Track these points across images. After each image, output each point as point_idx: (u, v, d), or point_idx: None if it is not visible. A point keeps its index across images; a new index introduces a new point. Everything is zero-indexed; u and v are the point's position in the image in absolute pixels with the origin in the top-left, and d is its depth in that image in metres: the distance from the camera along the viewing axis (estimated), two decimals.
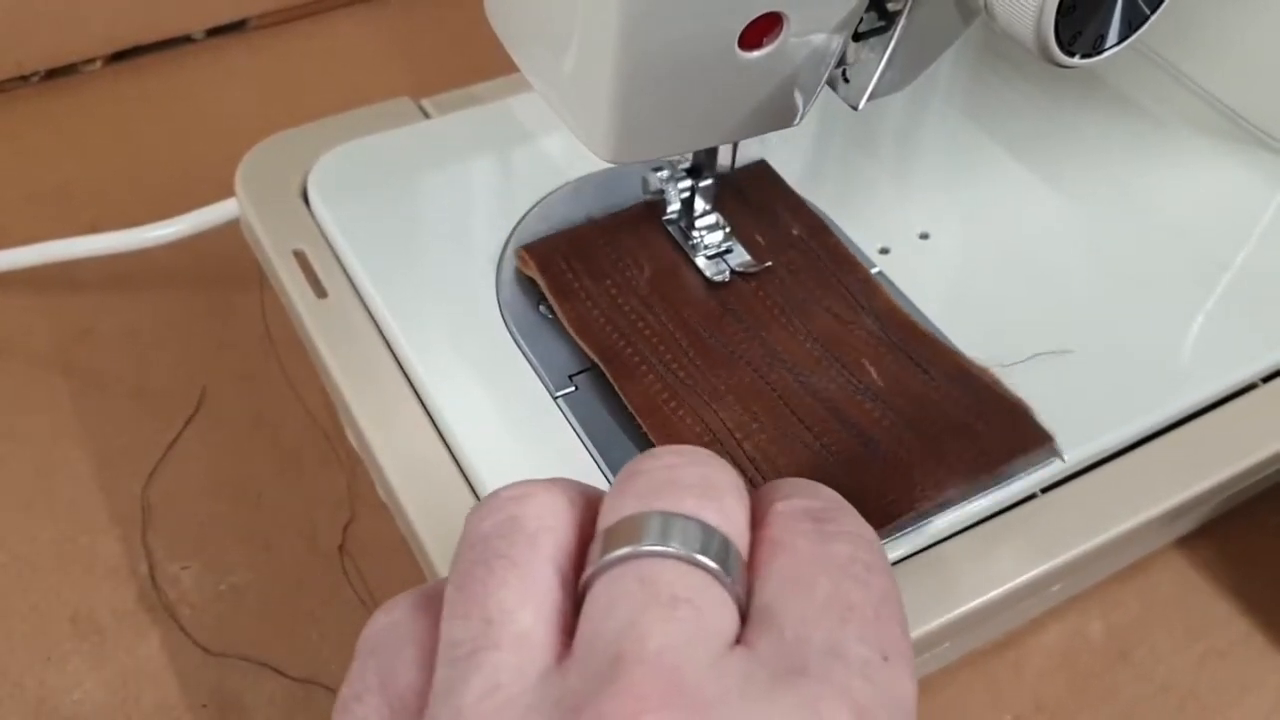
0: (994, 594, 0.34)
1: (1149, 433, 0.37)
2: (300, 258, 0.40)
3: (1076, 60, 0.31)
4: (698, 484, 0.22)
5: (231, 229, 0.44)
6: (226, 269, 0.47)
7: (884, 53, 0.33)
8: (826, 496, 0.24)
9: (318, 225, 0.41)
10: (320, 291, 0.39)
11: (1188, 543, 0.41)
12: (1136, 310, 0.41)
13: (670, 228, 0.40)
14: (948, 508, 0.34)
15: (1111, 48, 0.31)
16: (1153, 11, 0.31)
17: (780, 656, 0.20)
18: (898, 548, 0.34)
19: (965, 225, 0.43)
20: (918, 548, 0.34)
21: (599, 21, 0.29)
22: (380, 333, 0.38)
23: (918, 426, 0.35)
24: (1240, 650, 0.38)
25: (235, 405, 0.44)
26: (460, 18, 0.59)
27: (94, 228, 0.47)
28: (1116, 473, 0.37)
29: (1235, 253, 0.43)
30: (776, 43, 0.31)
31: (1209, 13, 0.46)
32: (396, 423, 0.36)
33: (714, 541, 0.21)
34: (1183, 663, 0.38)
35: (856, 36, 0.32)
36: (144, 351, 0.45)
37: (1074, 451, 0.36)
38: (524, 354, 0.37)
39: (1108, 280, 0.42)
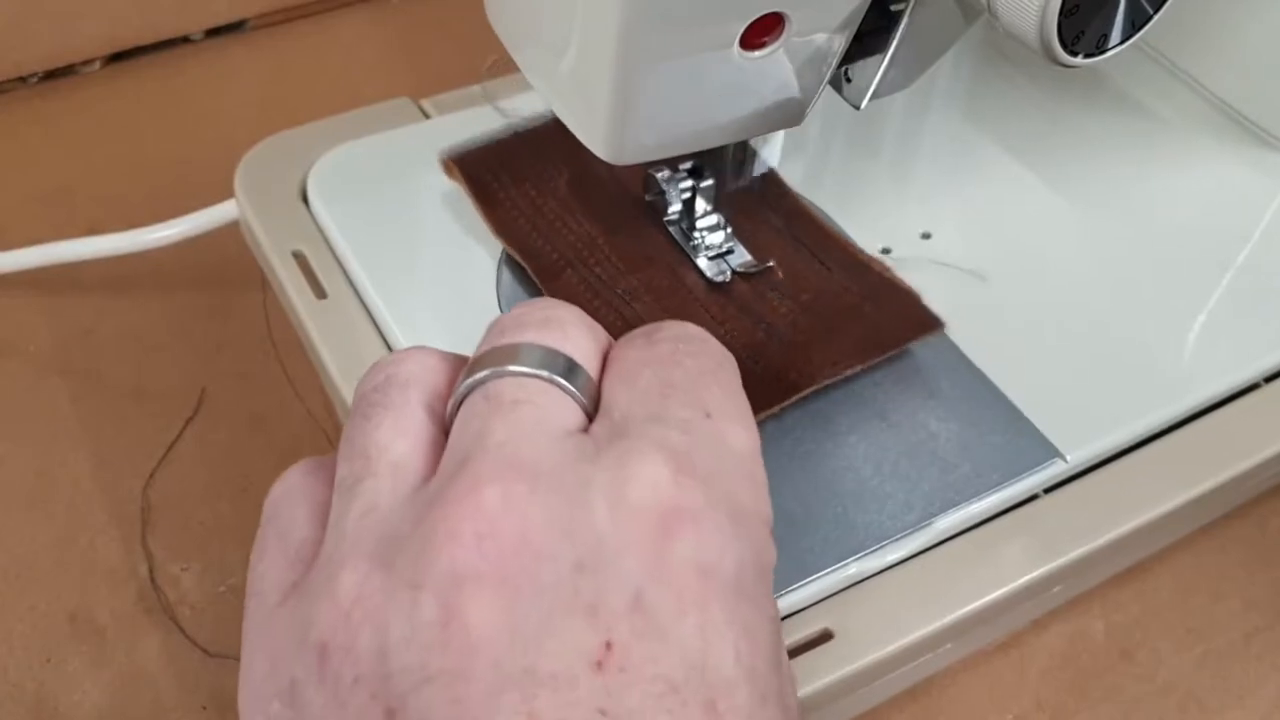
0: (996, 595, 0.34)
1: (1151, 433, 0.38)
2: (300, 258, 0.40)
3: (1080, 60, 0.31)
4: (541, 320, 0.25)
5: (232, 230, 0.44)
6: (227, 270, 0.47)
7: (886, 52, 0.33)
8: (666, 324, 0.26)
9: (317, 226, 0.41)
10: (320, 292, 0.39)
11: (1189, 543, 0.41)
12: (1139, 310, 0.41)
13: (671, 228, 0.40)
14: (845, 379, 0.36)
15: (1115, 47, 0.31)
16: (1156, 10, 0.31)
17: (609, 432, 0.23)
18: (899, 549, 0.34)
19: (967, 225, 0.43)
20: (920, 548, 0.34)
21: (599, 21, 0.29)
22: (380, 333, 0.38)
23: (815, 312, 0.38)
24: (1241, 651, 0.38)
25: (235, 406, 0.44)
26: (460, 18, 0.59)
27: (93, 229, 0.47)
28: (1119, 473, 0.37)
29: (1238, 252, 0.43)
30: (778, 43, 0.31)
31: (1212, 12, 0.46)
32: None
33: (557, 360, 0.24)
34: (1184, 663, 0.38)
35: (859, 36, 0.32)
36: (144, 352, 0.45)
37: (1076, 452, 0.36)
38: None
39: (1110, 279, 0.42)
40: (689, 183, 0.39)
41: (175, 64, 0.57)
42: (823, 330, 0.37)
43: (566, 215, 0.40)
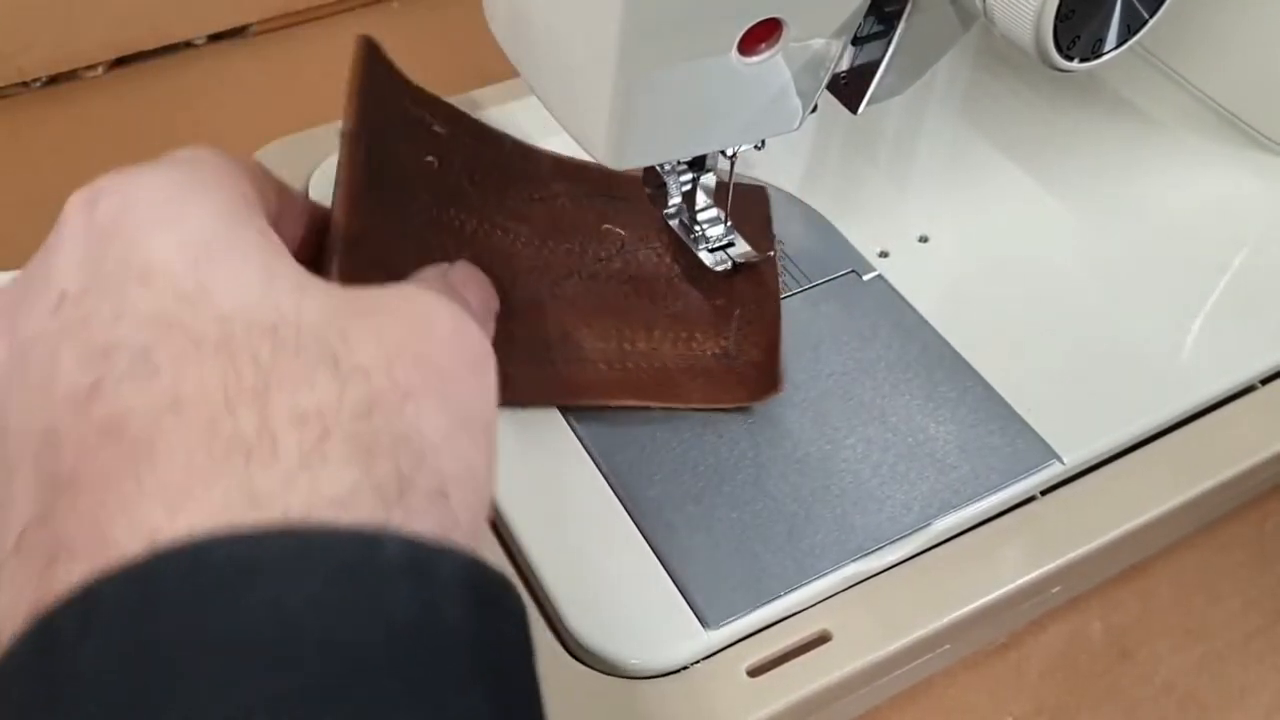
0: (994, 596, 0.34)
1: (1148, 435, 0.38)
2: None
3: (1075, 64, 0.31)
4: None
5: None
6: None
7: (883, 57, 0.33)
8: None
9: None
10: None
11: (1188, 543, 0.41)
12: (1135, 312, 0.41)
13: (671, 221, 0.40)
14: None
15: (1110, 51, 0.32)
16: (1151, 15, 0.31)
17: None
18: (898, 550, 0.34)
19: (964, 228, 0.44)
20: (919, 549, 0.34)
21: (599, 27, 0.29)
22: None
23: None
24: (1240, 651, 0.38)
25: None
26: (461, 23, 0.59)
27: None
28: (1116, 475, 0.37)
29: (1233, 254, 0.43)
30: (776, 48, 0.31)
31: (1207, 16, 0.46)
32: None
33: None
34: (1183, 663, 0.38)
35: (856, 41, 0.33)
36: None
37: (1073, 454, 0.36)
38: None
39: (1106, 282, 0.42)
40: (689, 175, 0.39)
41: (178, 69, 0.58)
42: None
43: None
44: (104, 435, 0.20)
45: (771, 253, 0.40)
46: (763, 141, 0.35)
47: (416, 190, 0.34)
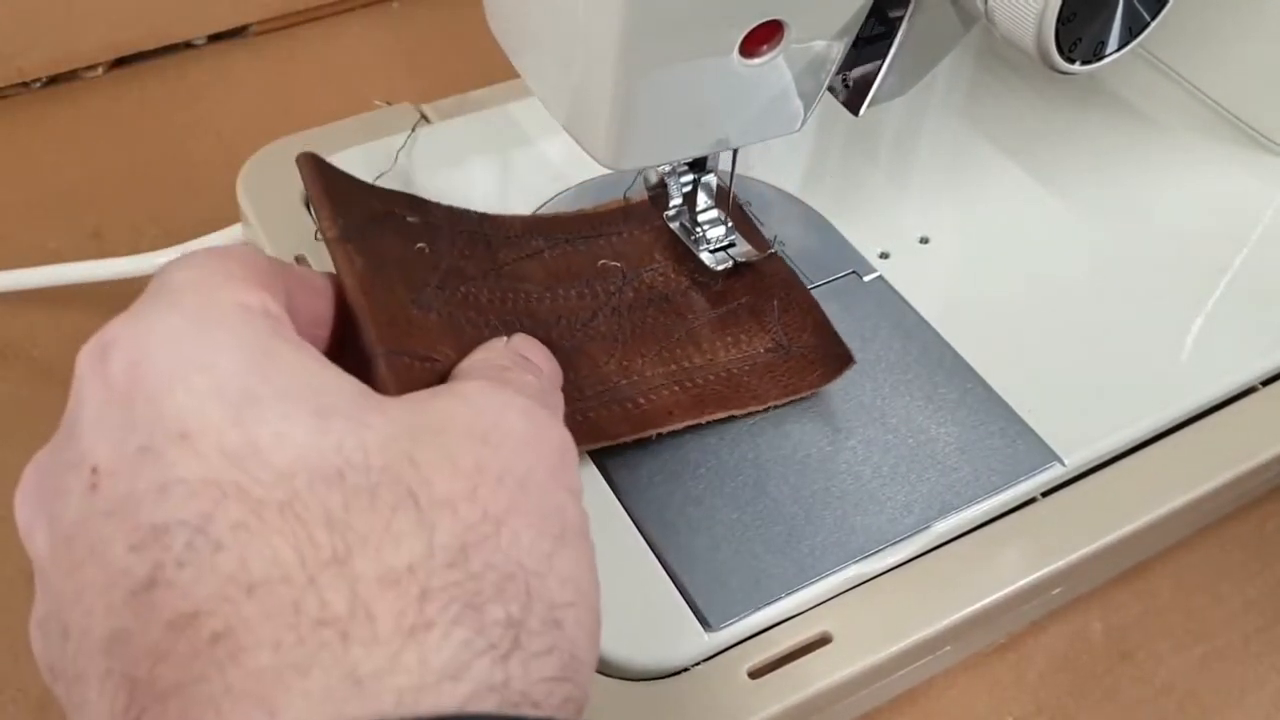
0: (995, 597, 0.34)
1: (1148, 437, 0.38)
2: (302, 263, 0.40)
3: (1077, 67, 0.31)
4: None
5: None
6: None
7: (885, 59, 0.33)
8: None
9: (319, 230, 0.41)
10: None
11: (1188, 544, 0.41)
12: (1136, 314, 0.41)
13: (672, 224, 0.40)
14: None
15: (1112, 54, 0.32)
16: (1153, 17, 0.31)
17: None
18: (898, 551, 0.34)
19: (965, 229, 0.44)
20: (919, 551, 0.34)
21: (600, 28, 0.29)
22: None
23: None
24: (1240, 652, 0.38)
25: None
26: (461, 23, 0.59)
27: (96, 234, 0.47)
28: (1117, 476, 0.37)
29: (1234, 256, 0.43)
30: (777, 50, 0.31)
31: (1208, 17, 0.46)
32: None
33: None
34: (1183, 664, 0.38)
35: (857, 43, 0.33)
36: None
37: (1074, 456, 0.36)
38: None
39: (1107, 283, 0.42)
40: (690, 177, 0.39)
41: (178, 69, 0.58)
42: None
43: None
44: (176, 632, 0.18)
45: (772, 250, 0.40)
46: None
47: (420, 277, 0.33)
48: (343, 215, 0.32)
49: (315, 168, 0.33)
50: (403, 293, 0.31)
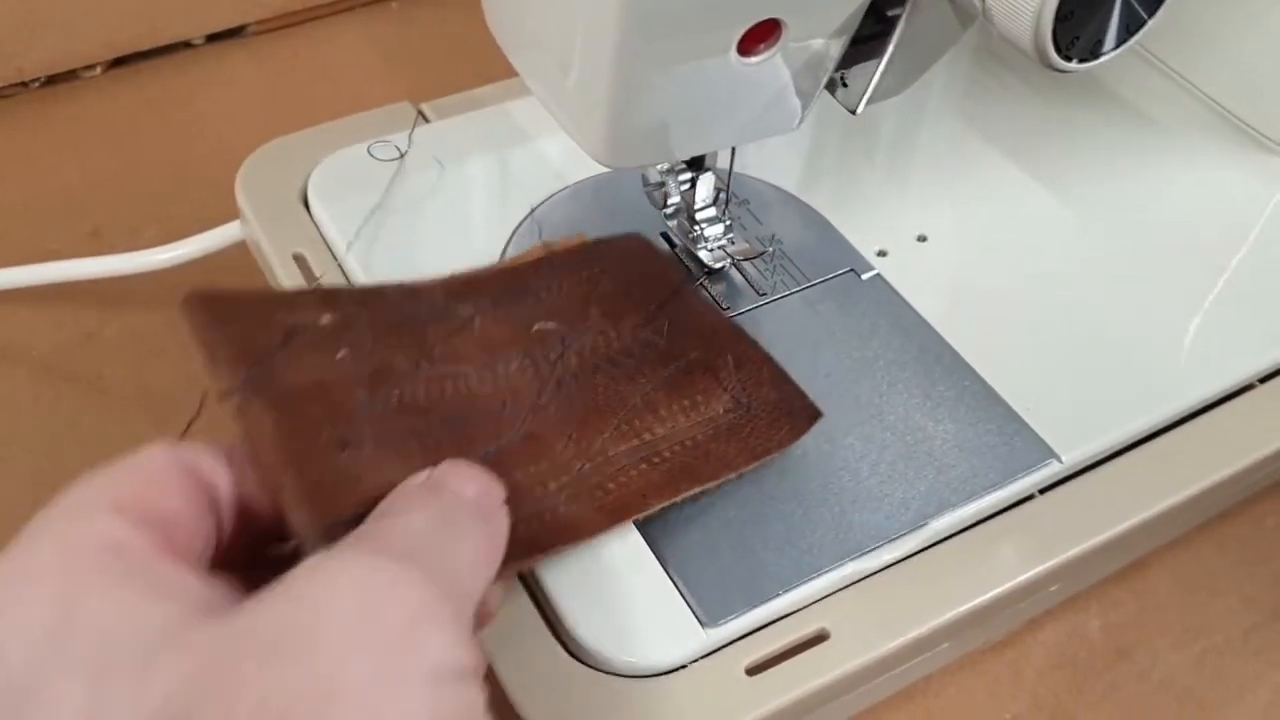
0: (992, 595, 0.34)
1: (1146, 434, 0.38)
2: (300, 261, 0.41)
3: (1074, 65, 0.31)
4: None
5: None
6: (228, 277, 0.47)
7: (882, 57, 0.34)
8: None
9: (318, 229, 0.41)
10: None
11: (1186, 541, 0.41)
12: (1134, 311, 0.41)
13: (670, 222, 0.40)
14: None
15: (1109, 52, 0.32)
16: (1150, 16, 0.31)
17: None
18: (895, 549, 0.34)
19: (962, 228, 0.44)
20: (917, 548, 0.34)
21: (598, 28, 0.29)
22: None
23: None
24: (1239, 649, 0.39)
25: None
26: (459, 23, 0.60)
27: (95, 233, 0.47)
28: (1114, 473, 0.37)
29: (1232, 253, 0.43)
30: (775, 49, 0.31)
31: (1206, 15, 0.46)
32: None
33: None
34: (1181, 661, 0.38)
35: (854, 41, 0.33)
36: (145, 357, 0.46)
37: (1071, 453, 0.36)
38: None
39: (1105, 282, 0.42)
40: (688, 175, 0.39)
41: (176, 69, 0.58)
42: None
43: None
44: None
45: (687, 284, 0.38)
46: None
47: (346, 397, 0.31)
48: (245, 358, 0.30)
49: (204, 308, 0.31)
50: (328, 434, 0.29)
